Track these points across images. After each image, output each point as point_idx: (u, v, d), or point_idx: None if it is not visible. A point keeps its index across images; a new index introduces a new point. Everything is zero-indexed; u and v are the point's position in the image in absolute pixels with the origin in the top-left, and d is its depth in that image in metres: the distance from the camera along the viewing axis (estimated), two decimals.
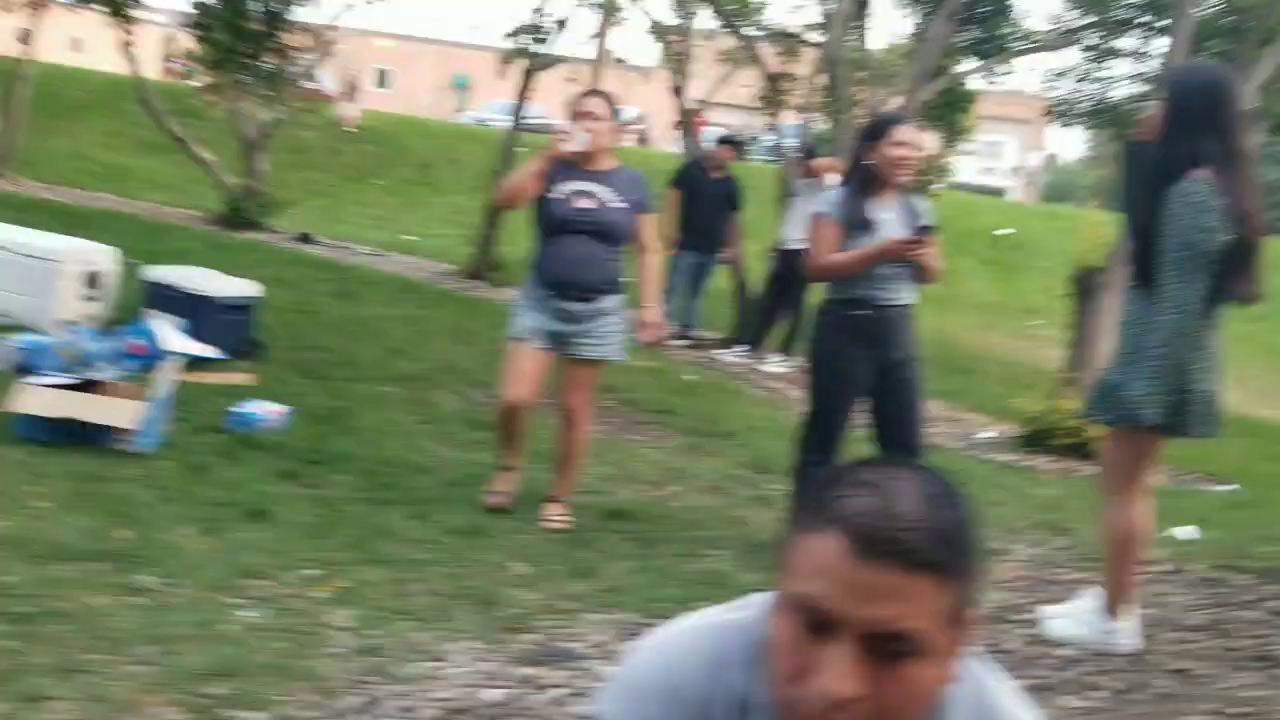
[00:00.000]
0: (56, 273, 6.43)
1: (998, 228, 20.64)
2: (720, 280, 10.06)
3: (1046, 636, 3.75)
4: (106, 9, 10.82)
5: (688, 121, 9.42)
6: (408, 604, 3.52)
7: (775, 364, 8.87)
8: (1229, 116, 3.36)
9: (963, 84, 12.16)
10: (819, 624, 1.02)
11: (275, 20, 9.04)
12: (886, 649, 1.01)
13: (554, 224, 4.32)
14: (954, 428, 8.26)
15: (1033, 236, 20.18)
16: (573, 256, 4.28)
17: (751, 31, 10.60)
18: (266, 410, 5.30)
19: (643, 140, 33.06)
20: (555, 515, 4.45)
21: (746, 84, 10.68)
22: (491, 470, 5.07)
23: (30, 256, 6.48)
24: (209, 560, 3.67)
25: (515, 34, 10.60)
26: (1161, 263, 3.33)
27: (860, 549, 1.00)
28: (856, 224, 4.09)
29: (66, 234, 8.13)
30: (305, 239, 12.30)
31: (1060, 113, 12.78)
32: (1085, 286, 7.12)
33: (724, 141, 9.44)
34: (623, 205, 4.32)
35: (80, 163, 16.97)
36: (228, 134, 13.49)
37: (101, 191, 14.31)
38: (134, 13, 11.18)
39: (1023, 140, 38.53)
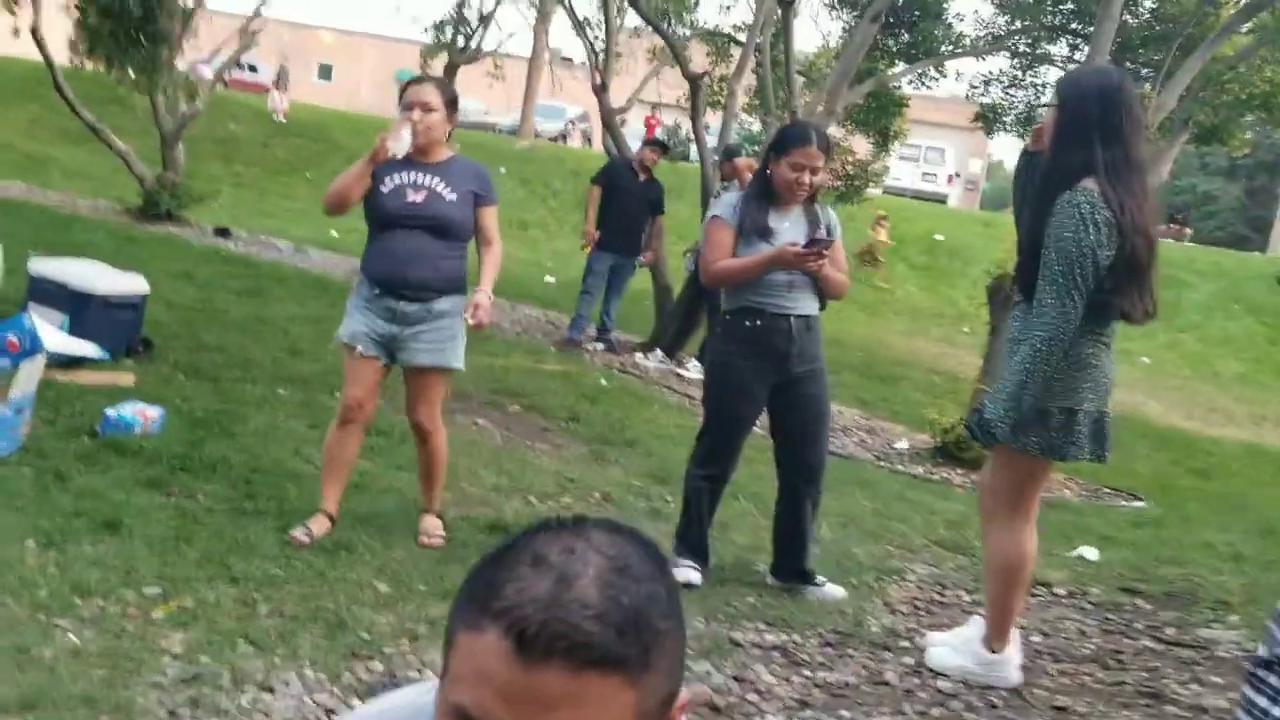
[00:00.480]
0: None
1: (935, 233, 20.74)
2: (642, 283, 9.94)
3: (928, 666, 3.64)
4: None
5: (611, 120, 9.25)
6: (250, 626, 3.31)
7: (693, 369, 8.76)
8: (1122, 123, 3.23)
9: (894, 88, 12.12)
10: None
11: (150, 3, 8.73)
12: None
13: (383, 219, 4.00)
14: (871, 438, 8.21)
15: (967, 243, 20.30)
16: (403, 253, 4.00)
17: (680, 30, 10.46)
18: (139, 413, 5.05)
19: (587, 140, 32.89)
20: (431, 530, 4.27)
21: (672, 84, 10.54)
22: (373, 479, 4.90)
23: None
24: (44, 577, 3.43)
25: (437, 27, 10.39)
26: (1042, 276, 3.22)
27: (523, 649, 0.83)
28: (753, 229, 3.96)
29: None
30: (223, 233, 11.99)
31: (988, 119, 12.78)
32: (998, 295, 7.06)
33: (651, 144, 9.31)
34: (455, 197, 4.03)
35: (2, 152, 16.44)
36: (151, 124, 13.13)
37: (18, 180, 13.84)
38: None
39: (967, 147, 38.88)
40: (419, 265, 4.00)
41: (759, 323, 4.01)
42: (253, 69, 30.18)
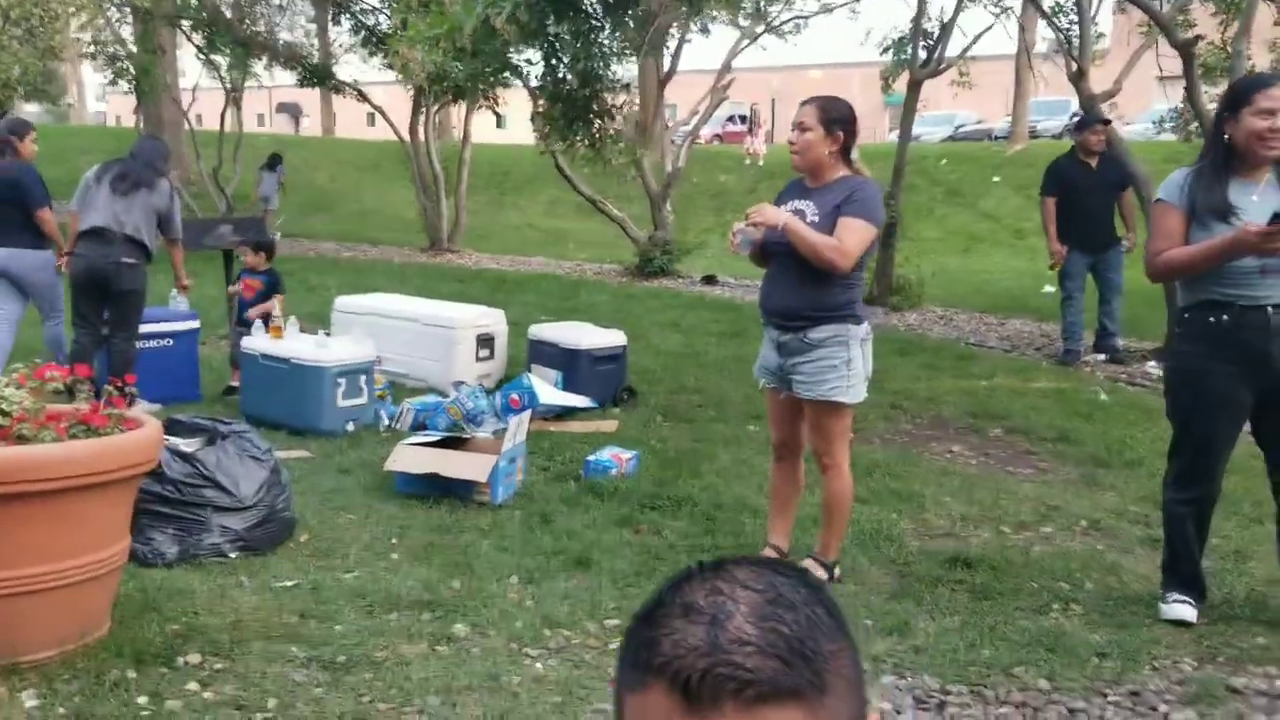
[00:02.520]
0: (454, 339, 7.07)
1: None
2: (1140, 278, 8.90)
3: None
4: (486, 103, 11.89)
5: (1093, 110, 8.44)
6: None
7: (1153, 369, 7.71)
8: None
9: None
10: None
11: (591, 82, 9.41)
12: None
13: (765, 248, 3.93)
14: None
15: None
16: (777, 281, 3.91)
17: None
18: (615, 456, 5.40)
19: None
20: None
21: (1166, 55, 9.43)
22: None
23: (434, 326, 7.17)
24: (521, 610, 3.75)
25: (896, 44, 10.22)
26: None
27: (691, 699, 0.79)
28: (1207, 210, 3.38)
29: (497, 299, 8.98)
30: (710, 281, 12.65)
31: None
32: None
33: (1084, 125, 8.30)
34: (818, 220, 3.80)
35: (526, 231, 18.80)
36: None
37: (539, 255, 15.68)
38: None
39: None
40: (787, 294, 3.89)
41: (1225, 318, 3.40)
42: (743, 119, 31.74)
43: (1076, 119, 9.40)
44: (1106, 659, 3.32)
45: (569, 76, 9.35)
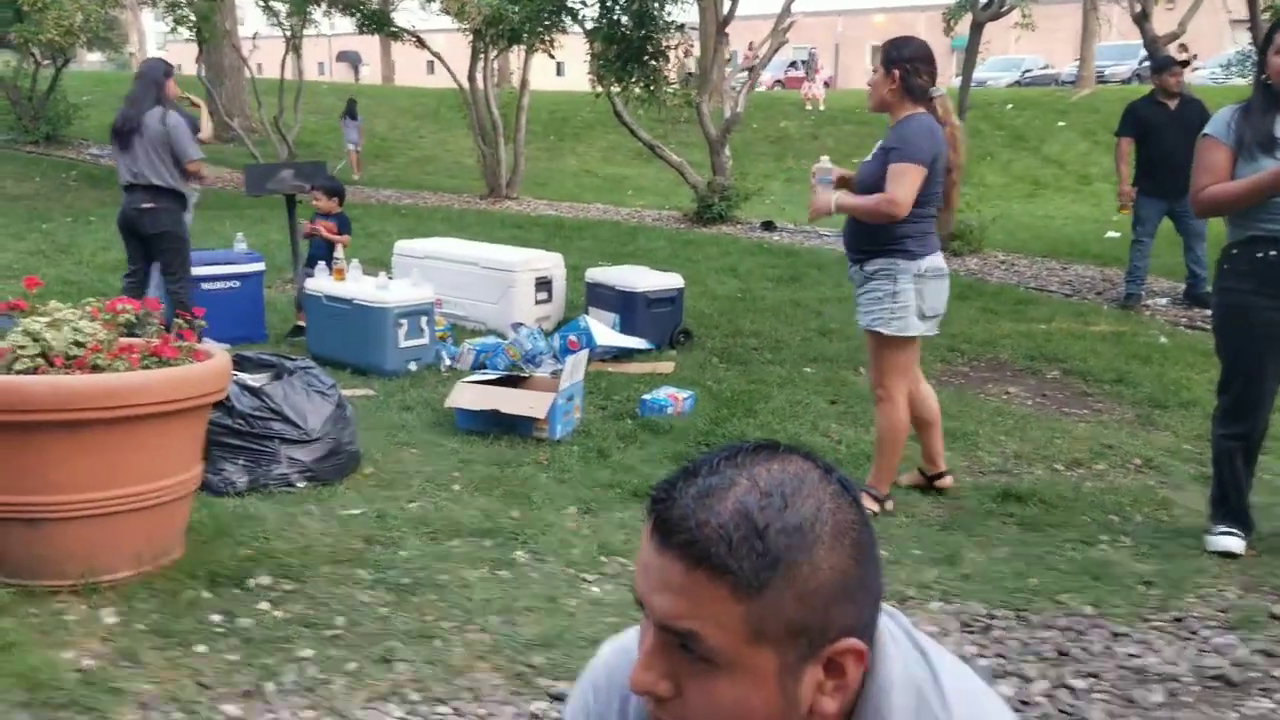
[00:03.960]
0: (513, 282, 7.17)
1: None
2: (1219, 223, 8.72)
3: None
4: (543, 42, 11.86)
5: (1156, 52, 8.25)
6: None
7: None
8: None
9: None
10: (641, 607, 0.96)
11: (646, 23, 9.33)
12: (684, 651, 0.92)
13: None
14: None
15: None
16: (849, 219, 4.07)
17: None
18: (671, 395, 5.48)
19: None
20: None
21: None
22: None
23: (493, 269, 7.28)
24: (578, 538, 3.87)
25: None
26: None
27: (656, 533, 0.93)
28: (1254, 142, 3.34)
29: (555, 245, 9.07)
30: (769, 227, 12.61)
31: None
32: None
33: (1163, 66, 8.10)
34: (870, 158, 3.97)
35: (584, 178, 18.81)
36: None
37: (597, 202, 15.72)
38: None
39: None
40: (849, 230, 4.06)
41: (1274, 253, 3.36)
42: (804, 64, 31.29)
43: (1148, 63, 9.14)
44: (1152, 587, 3.35)
45: (624, 19, 9.30)
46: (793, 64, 37.00)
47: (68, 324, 3.21)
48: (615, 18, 9.42)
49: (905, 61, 3.87)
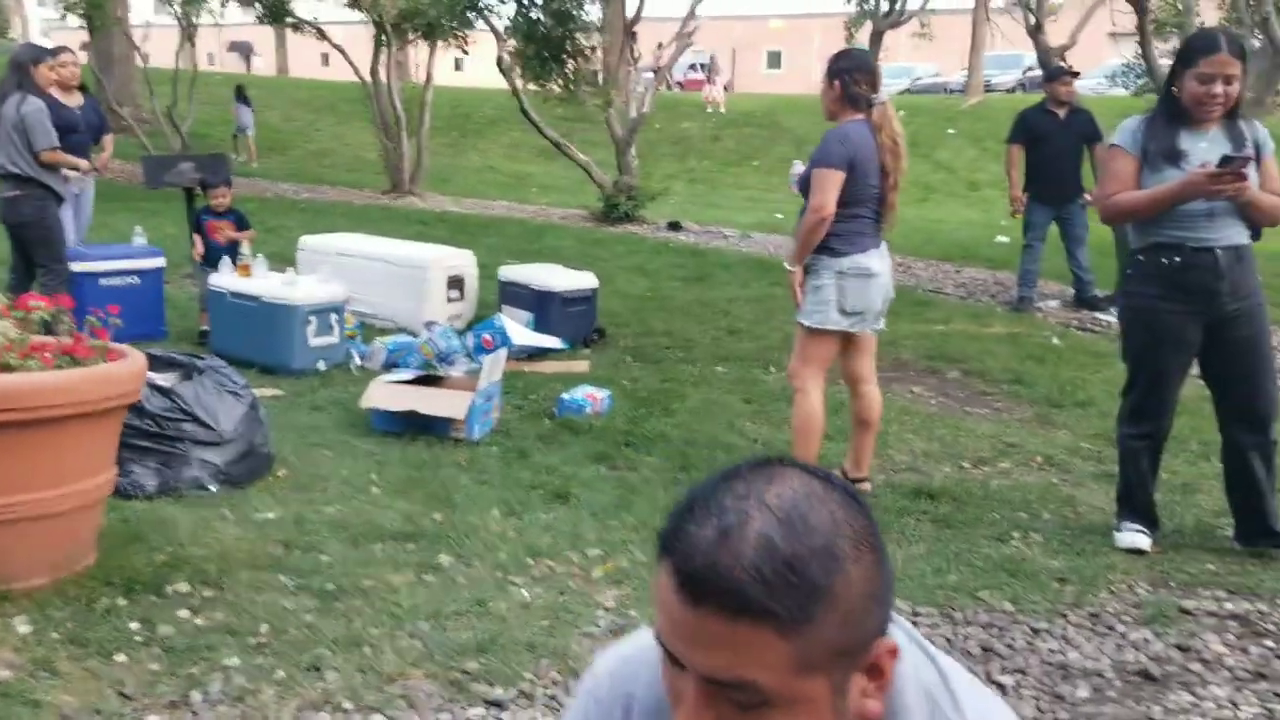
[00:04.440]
0: (425, 279, 7.08)
1: None
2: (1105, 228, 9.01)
3: None
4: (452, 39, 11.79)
5: (1048, 63, 8.55)
6: None
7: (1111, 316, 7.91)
8: None
9: None
10: (671, 657, 0.92)
11: (565, 22, 9.37)
12: (734, 696, 0.89)
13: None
14: None
15: None
16: None
17: None
18: (590, 396, 5.49)
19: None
20: None
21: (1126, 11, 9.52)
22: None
23: (404, 266, 7.18)
24: (504, 541, 3.85)
25: None
26: None
27: (684, 590, 0.89)
28: (1159, 154, 3.51)
29: (460, 242, 8.97)
30: (674, 227, 12.69)
31: None
32: None
33: (1054, 75, 8.38)
34: (801, 168, 4.29)
35: (488, 174, 18.66)
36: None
37: (501, 199, 15.61)
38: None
39: None
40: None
41: (1178, 259, 3.53)
42: (703, 67, 31.59)
43: (1033, 72, 9.46)
44: (1066, 583, 3.49)
45: (542, 17, 9.27)
46: (692, 66, 37.31)
47: None
48: (533, 16, 9.38)
49: (844, 72, 4.07)
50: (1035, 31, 8.69)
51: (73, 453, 3.10)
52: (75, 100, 7.04)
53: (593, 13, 10.59)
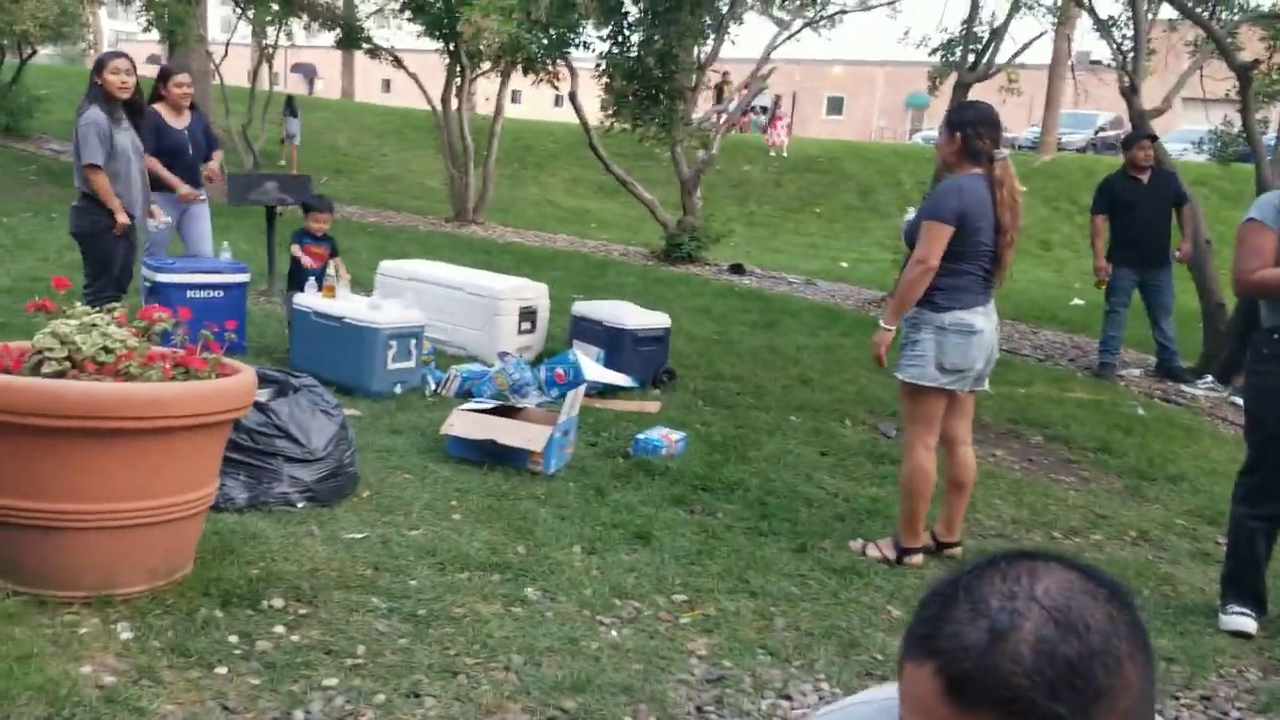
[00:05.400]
0: (498, 309, 7.10)
1: None
2: (1190, 299, 8.90)
3: None
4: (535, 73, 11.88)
5: (1142, 125, 8.45)
6: (768, 638, 3.43)
7: (1201, 388, 7.79)
8: None
9: None
10: None
11: (666, 62, 9.38)
12: None
13: None
14: None
15: None
16: None
17: (1226, 15, 9.42)
18: (665, 436, 5.45)
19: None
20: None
21: (1219, 76, 9.43)
22: (882, 505, 4.89)
23: (478, 295, 7.20)
24: (588, 578, 3.81)
25: (945, 47, 10.22)
26: None
27: (955, 692, 0.85)
28: None
29: (524, 273, 9.00)
30: (737, 270, 12.68)
31: None
32: None
33: (1131, 141, 8.25)
34: (914, 217, 4.20)
35: (547, 208, 18.78)
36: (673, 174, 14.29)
37: (562, 233, 15.70)
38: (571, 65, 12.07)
39: None
40: None
41: None
42: (762, 110, 31.65)
43: (1105, 133, 9.37)
44: (1174, 664, 3.39)
45: (646, 56, 9.30)
46: (750, 109, 37.47)
47: (97, 329, 3.10)
48: (636, 54, 9.40)
49: (968, 125, 4.01)
50: (1130, 93, 8.59)
51: (185, 463, 3.11)
52: (184, 121, 6.97)
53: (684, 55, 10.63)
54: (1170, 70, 10.95)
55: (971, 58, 10.28)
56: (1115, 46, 9.52)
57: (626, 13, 8.73)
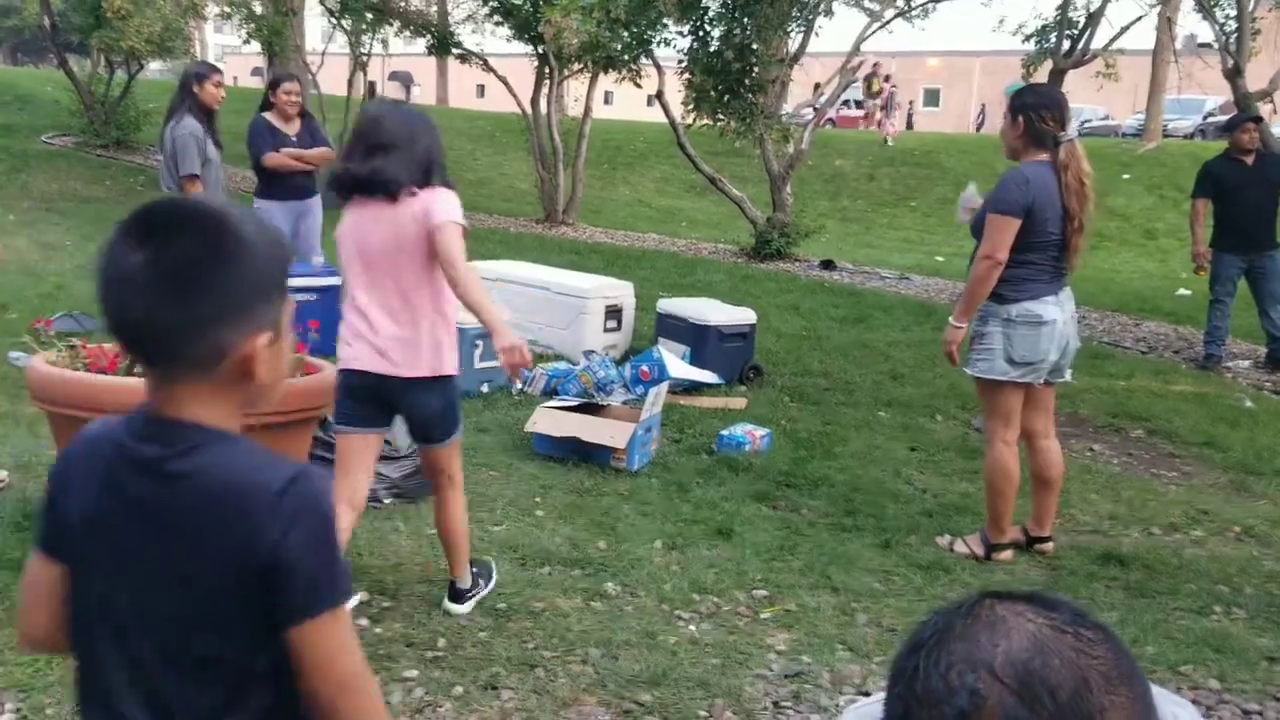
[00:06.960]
0: (584, 308, 7.13)
1: None
2: None
3: None
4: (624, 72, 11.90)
5: (1248, 108, 8.11)
6: (849, 634, 3.37)
7: None
8: None
9: None
10: None
11: (745, 56, 9.27)
12: None
13: None
14: None
15: None
16: None
17: None
18: (749, 433, 5.41)
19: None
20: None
21: None
22: (972, 501, 4.78)
23: (564, 294, 7.25)
24: (669, 574, 3.80)
25: (1039, 33, 9.95)
26: None
27: None
28: None
29: (613, 273, 9.04)
30: (828, 266, 12.53)
31: None
32: None
33: (1234, 124, 7.90)
34: (982, 208, 4.07)
35: (638, 208, 18.82)
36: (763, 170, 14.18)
37: (651, 232, 15.72)
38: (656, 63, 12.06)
39: None
40: None
41: None
42: (858, 104, 31.18)
43: (1214, 118, 9.05)
44: (1277, 664, 3.24)
45: (725, 50, 9.25)
46: (846, 103, 37.05)
47: None
48: (714, 49, 9.35)
49: (1030, 108, 3.86)
50: (1234, 75, 8.25)
51: None
52: (294, 127, 7.06)
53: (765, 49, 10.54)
54: (1279, 50, 10.49)
55: (1067, 44, 9.99)
56: (1218, 27, 9.15)
57: (706, 8, 8.69)
